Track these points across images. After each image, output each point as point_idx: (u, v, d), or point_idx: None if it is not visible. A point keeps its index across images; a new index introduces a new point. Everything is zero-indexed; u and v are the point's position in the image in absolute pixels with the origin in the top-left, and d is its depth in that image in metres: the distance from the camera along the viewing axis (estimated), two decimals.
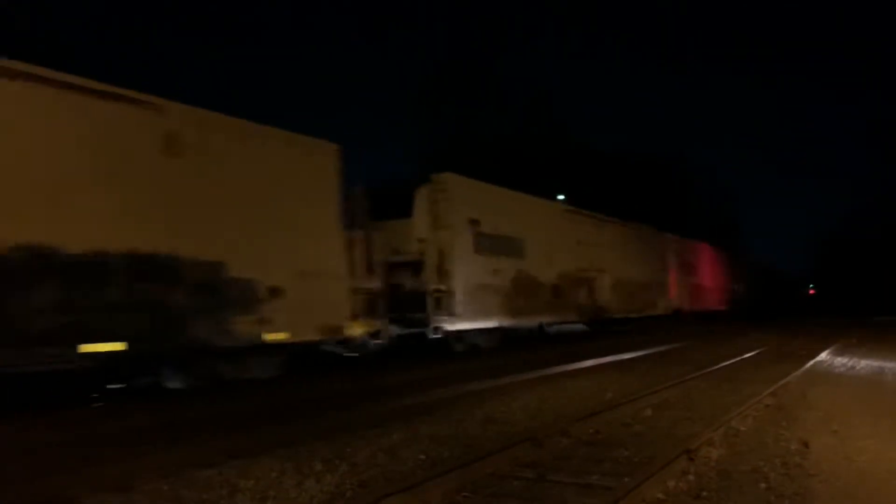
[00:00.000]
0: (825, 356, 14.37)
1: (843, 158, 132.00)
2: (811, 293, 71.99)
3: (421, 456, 5.88)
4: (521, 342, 17.37)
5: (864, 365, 12.72)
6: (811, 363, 12.83)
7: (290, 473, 5.36)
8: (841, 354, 14.82)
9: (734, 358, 13.88)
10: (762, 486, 4.86)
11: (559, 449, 6.05)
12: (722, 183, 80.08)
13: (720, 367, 12.29)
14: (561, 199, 25.87)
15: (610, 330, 22.05)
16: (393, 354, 13.54)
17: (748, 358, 14.31)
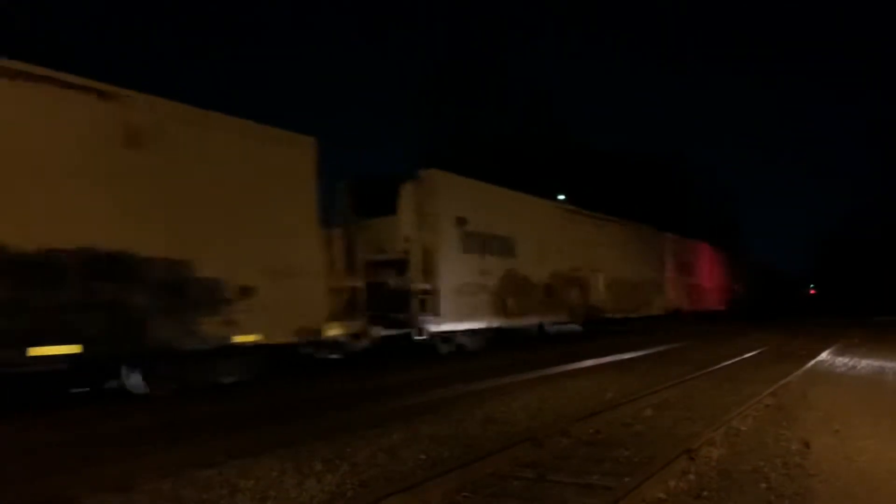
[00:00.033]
0: (826, 356, 14.37)
1: (843, 158, 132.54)
2: (812, 293, 72.00)
3: (421, 456, 5.88)
4: (515, 343, 17.19)
5: (864, 365, 12.73)
6: (812, 363, 12.84)
7: (290, 473, 5.36)
8: (841, 354, 14.82)
9: (734, 358, 13.87)
10: (763, 485, 4.86)
11: (559, 449, 6.05)
12: (722, 183, 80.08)
13: (720, 367, 12.29)
14: (561, 198, 25.81)
15: (605, 330, 21.66)
16: (378, 357, 13.16)
17: (748, 358, 14.31)
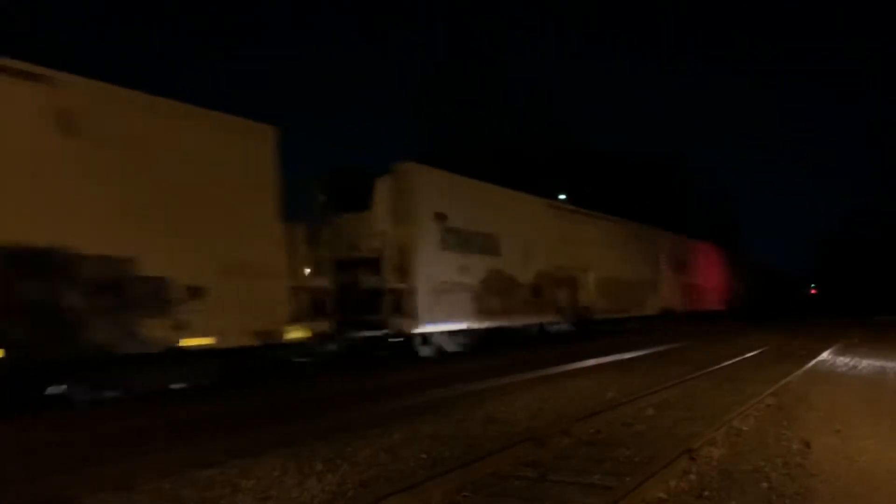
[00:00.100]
0: (826, 356, 14.36)
1: (843, 158, 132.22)
2: (813, 293, 71.97)
3: (422, 455, 5.88)
4: (514, 343, 16.95)
5: (865, 365, 12.71)
6: (812, 363, 12.82)
7: (291, 473, 5.36)
8: (842, 354, 14.81)
9: (735, 358, 13.86)
10: (764, 485, 4.86)
11: (560, 448, 6.04)
12: (722, 183, 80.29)
13: (721, 366, 12.28)
14: (562, 198, 25.78)
15: (598, 331, 20.90)
16: (359, 360, 12.77)
17: (749, 358, 14.30)
